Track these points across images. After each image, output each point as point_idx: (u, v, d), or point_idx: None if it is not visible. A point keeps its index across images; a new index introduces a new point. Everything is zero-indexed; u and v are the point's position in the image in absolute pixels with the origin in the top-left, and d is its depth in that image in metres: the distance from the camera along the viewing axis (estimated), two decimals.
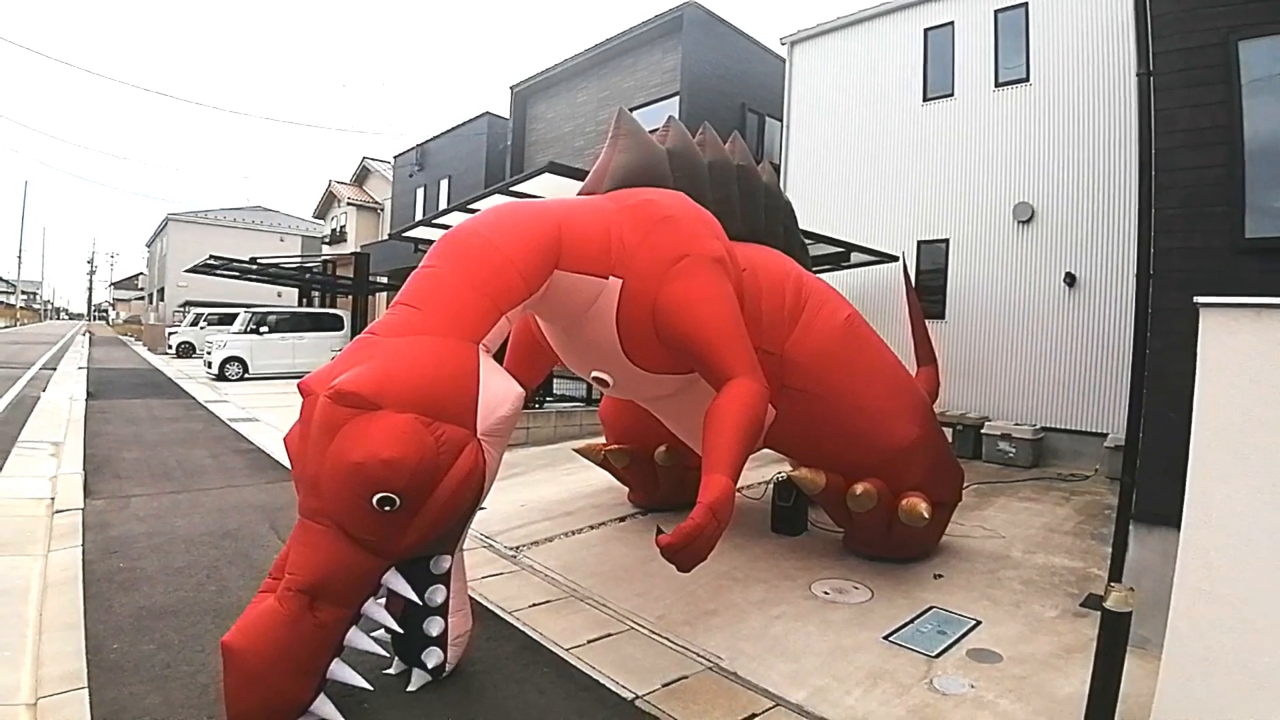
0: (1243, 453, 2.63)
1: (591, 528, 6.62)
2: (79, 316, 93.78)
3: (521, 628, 4.49)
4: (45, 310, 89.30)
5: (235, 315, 21.89)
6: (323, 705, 3.21)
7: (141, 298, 61.41)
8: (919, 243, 11.55)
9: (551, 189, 7.69)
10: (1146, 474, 4.43)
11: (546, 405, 11.92)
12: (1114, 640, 3.02)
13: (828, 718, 3.59)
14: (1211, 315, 2.75)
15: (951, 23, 11.35)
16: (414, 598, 3.46)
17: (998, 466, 9.70)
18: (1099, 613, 3.13)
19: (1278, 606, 2.52)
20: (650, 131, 5.56)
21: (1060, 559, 5.98)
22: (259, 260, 21.18)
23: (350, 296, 21.16)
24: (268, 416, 12.28)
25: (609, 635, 4.45)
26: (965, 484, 6.31)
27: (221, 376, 18.23)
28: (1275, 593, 2.52)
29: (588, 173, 5.70)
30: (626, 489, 7.38)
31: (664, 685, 3.85)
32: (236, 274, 21.97)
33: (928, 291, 11.15)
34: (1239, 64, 4.20)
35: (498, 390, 3.53)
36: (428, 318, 3.57)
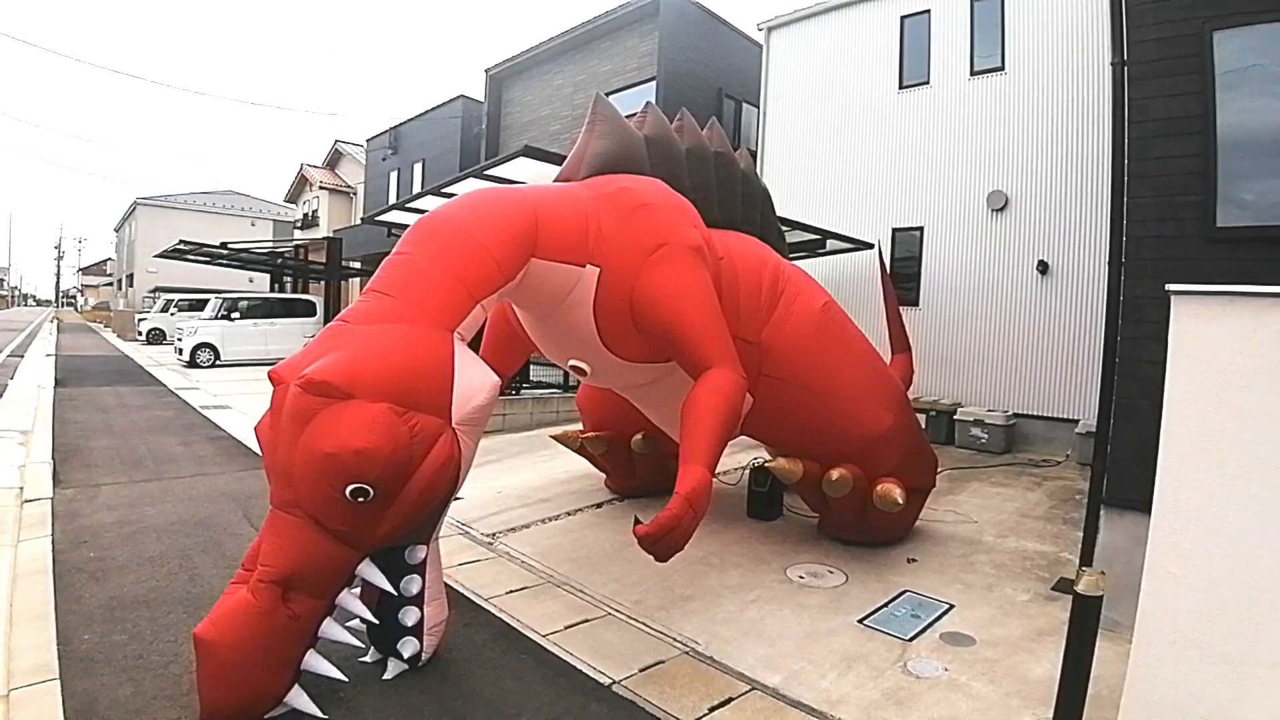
0: (1213, 439, 2.67)
1: (568, 514, 6.62)
2: (47, 303, 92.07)
3: (498, 614, 4.49)
4: (12, 297, 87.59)
5: (206, 301, 21.55)
6: (297, 696, 3.19)
7: (110, 284, 60.40)
8: (894, 230, 11.61)
9: (527, 173, 7.63)
10: (1117, 459, 4.49)
11: (523, 392, 11.88)
12: (1085, 623, 3.06)
13: (803, 701, 3.62)
14: (1183, 303, 2.78)
15: (928, 11, 11.37)
16: (389, 588, 3.44)
17: (970, 452, 9.81)
18: (1070, 596, 3.17)
19: (1247, 590, 2.56)
20: (627, 117, 5.53)
21: (1032, 543, 6.06)
22: (230, 245, 20.85)
23: (323, 282, 20.92)
24: (240, 403, 12.14)
25: (586, 621, 4.45)
26: (939, 469, 6.36)
27: (192, 363, 17.99)
28: (1244, 576, 2.57)
29: (564, 157, 5.65)
30: (603, 475, 7.38)
31: (641, 670, 3.87)
32: (207, 259, 21.61)
33: (902, 279, 11.22)
34: (1213, 54, 4.23)
35: (473, 379, 3.50)
36: (401, 305, 3.53)
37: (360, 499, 3.07)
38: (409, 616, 3.61)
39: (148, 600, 4.34)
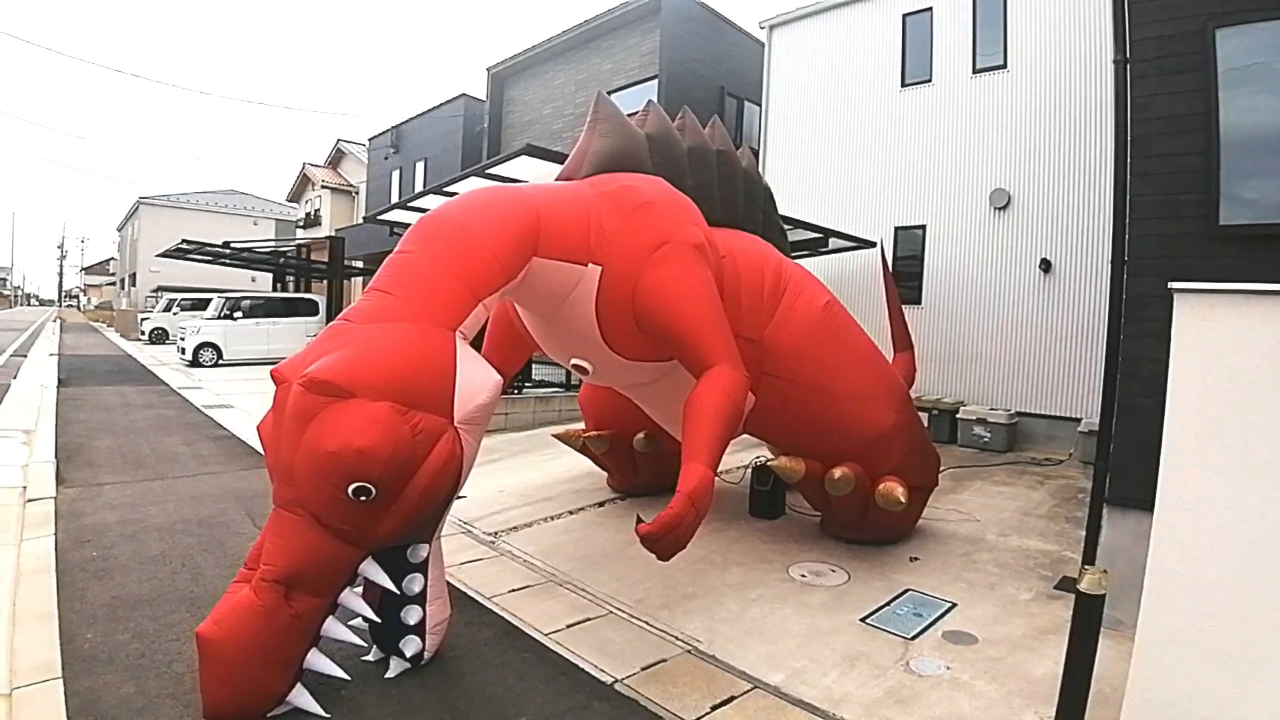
0: (1215, 437, 2.66)
1: (570, 513, 6.62)
2: (50, 302, 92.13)
3: (500, 613, 4.49)
4: (15, 296, 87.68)
5: (209, 300, 21.58)
6: (299, 695, 3.20)
7: (113, 283, 60.40)
8: (896, 229, 11.59)
9: (529, 172, 7.63)
10: (1120, 458, 4.48)
11: (525, 391, 11.89)
12: (1087, 622, 3.06)
13: (805, 699, 3.62)
14: (1186, 301, 2.78)
15: (930, 8, 11.34)
16: (391, 587, 3.45)
17: (973, 451, 9.79)
18: (1072, 595, 3.16)
19: (1249, 588, 2.56)
20: (629, 115, 5.52)
21: (1034, 542, 6.05)
22: (232, 244, 20.87)
23: (325, 281, 20.92)
24: (242, 403, 12.16)
25: (588, 620, 4.46)
26: (941, 468, 6.36)
27: (195, 362, 18.02)
28: (1247, 575, 2.56)
29: (566, 156, 5.65)
30: (605, 474, 7.38)
31: (643, 669, 3.87)
32: (209, 258, 21.65)
33: (905, 277, 11.21)
34: (1216, 52, 4.22)
35: (475, 378, 3.50)
36: (403, 304, 3.53)
37: (362, 498, 3.07)
38: (411, 615, 3.61)
39: (150, 599, 4.34)
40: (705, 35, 15.82)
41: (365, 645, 3.66)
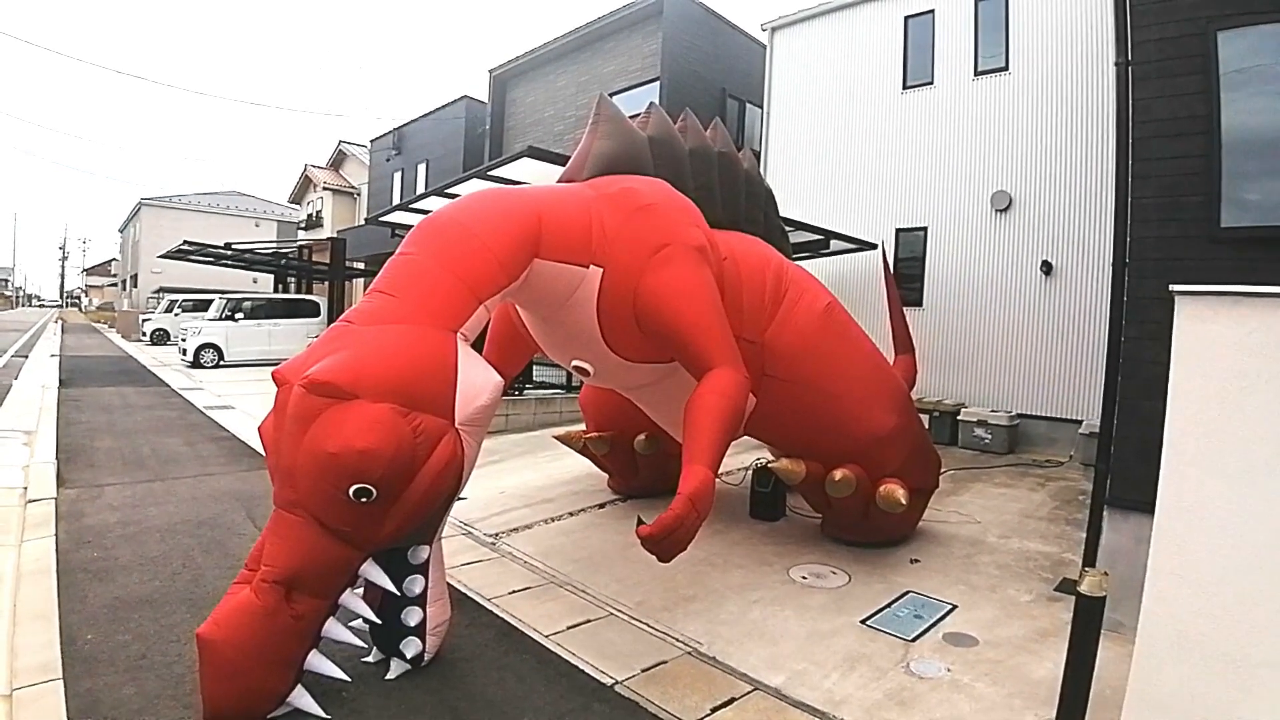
0: (1216, 439, 2.66)
1: (571, 514, 6.62)
2: (53, 304, 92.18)
3: (501, 615, 4.49)
4: (17, 297, 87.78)
5: (210, 302, 21.62)
6: (300, 696, 3.20)
7: (115, 284, 60.48)
8: (897, 230, 11.59)
9: (531, 174, 7.63)
10: (1121, 460, 4.48)
11: (526, 392, 11.89)
12: (1088, 624, 3.06)
13: (805, 701, 3.62)
14: (1187, 303, 2.77)
15: (932, 11, 11.35)
16: (392, 588, 3.45)
17: (974, 453, 9.78)
18: (1073, 597, 3.16)
19: (1249, 590, 2.55)
20: (631, 117, 5.53)
21: (1035, 544, 6.04)
22: (234, 246, 20.89)
23: (327, 282, 20.95)
24: (243, 404, 12.16)
25: (588, 621, 4.45)
26: (942, 470, 6.35)
27: (196, 364, 18.03)
28: (1247, 576, 2.56)
29: (568, 158, 5.66)
30: (606, 476, 7.38)
31: (643, 670, 3.87)
32: (211, 259, 21.65)
33: (906, 279, 11.19)
34: (1217, 54, 4.22)
35: (476, 379, 3.51)
36: (405, 306, 3.53)
37: (363, 499, 3.08)
38: (412, 617, 3.61)
39: (151, 600, 4.35)
40: (707, 37, 15.83)
41: (365, 647, 3.66)
